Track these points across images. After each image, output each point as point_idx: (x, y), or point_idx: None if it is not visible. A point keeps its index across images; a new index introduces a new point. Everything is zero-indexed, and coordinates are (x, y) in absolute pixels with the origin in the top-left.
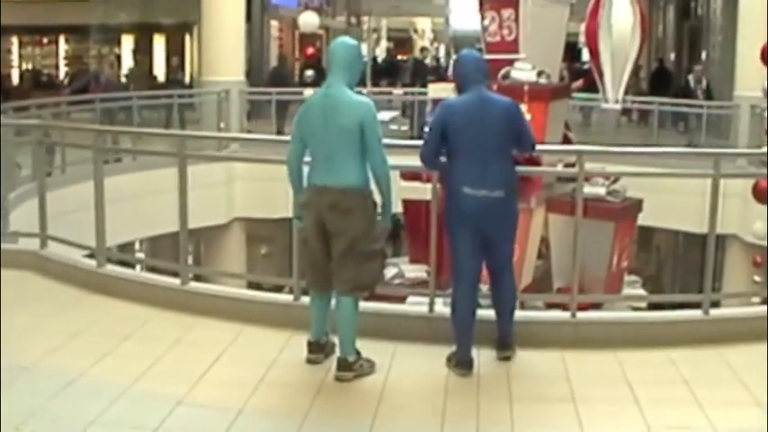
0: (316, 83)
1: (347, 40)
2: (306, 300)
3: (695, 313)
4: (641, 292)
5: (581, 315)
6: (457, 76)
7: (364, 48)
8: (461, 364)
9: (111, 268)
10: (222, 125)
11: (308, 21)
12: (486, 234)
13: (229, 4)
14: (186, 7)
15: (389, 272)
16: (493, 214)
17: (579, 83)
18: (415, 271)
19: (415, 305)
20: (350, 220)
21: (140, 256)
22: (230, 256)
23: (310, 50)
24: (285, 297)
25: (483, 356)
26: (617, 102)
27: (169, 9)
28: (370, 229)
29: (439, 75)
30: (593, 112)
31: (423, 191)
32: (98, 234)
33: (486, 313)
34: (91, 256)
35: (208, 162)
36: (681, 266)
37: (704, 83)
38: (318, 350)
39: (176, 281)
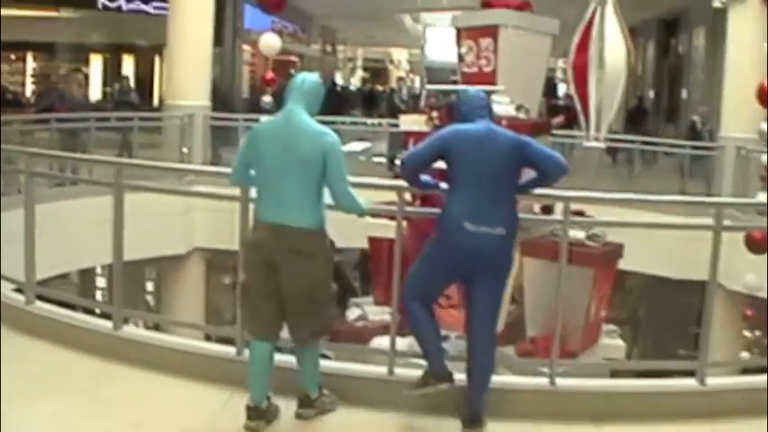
0: (272, 111)
1: (313, 76)
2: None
3: (689, 383)
4: (619, 342)
5: (561, 382)
6: (460, 111)
7: (339, 77)
8: (440, 377)
9: (40, 306)
10: (185, 150)
11: (269, 42)
12: (474, 278)
13: (196, 27)
14: (158, 29)
15: (352, 313)
16: (489, 255)
17: (560, 119)
18: (380, 313)
19: (380, 347)
20: (309, 266)
21: (71, 296)
22: (188, 287)
23: (269, 75)
24: (227, 349)
25: (446, 429)
26: (599, 139)
27: (140, 30)
28: (329, 274)
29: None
30: (574, 149)
31: (389, 228)
32: (27, 267)
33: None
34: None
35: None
36: (659, 313)
37: (708, 125)
38: (258, 416)
39: (108, 324)
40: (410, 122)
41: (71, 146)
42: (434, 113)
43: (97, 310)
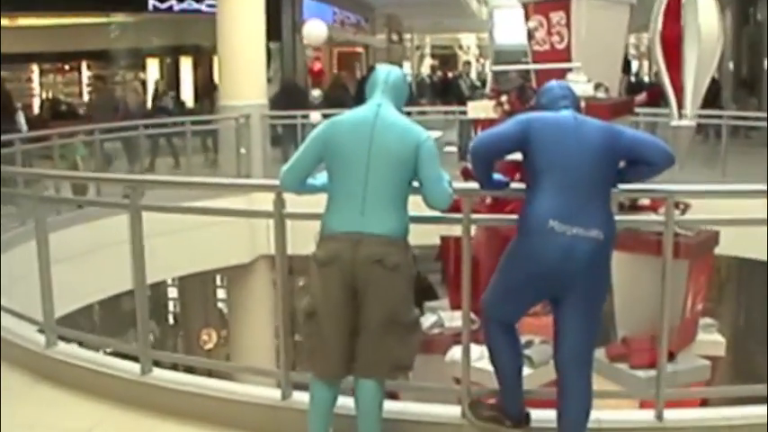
0: (321, 106)
1: (400, 70)
2: (299, 398)
3: None
4: (718, 338)
5: (670, 416)
6: (539, 104)
7: (407, 66)
8: (515, 419)
9: (62, 349)
10: (243, 150)
11: (312, 30)
12: (564, 294)
13: (247, 23)
14: (214, 28)
15: (427, 319)
16: (582, 264)
17: (643, 96)
18: (456, 319)
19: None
20: (395, 282)
21: (94, 337)
22: (256, 298)
23: (317, 66)
24: (270, 394)
25: None
26: (690, 118)
27: (196, 30)
28: (411, 291)
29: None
30: (657, 129)
31: None
32: (45, 305)
33: None
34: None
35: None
36: (757, 300)
37: None
38: None
39: (136, 368)
40: (478, 109)
41: (129, 156)
42: (503, 98)
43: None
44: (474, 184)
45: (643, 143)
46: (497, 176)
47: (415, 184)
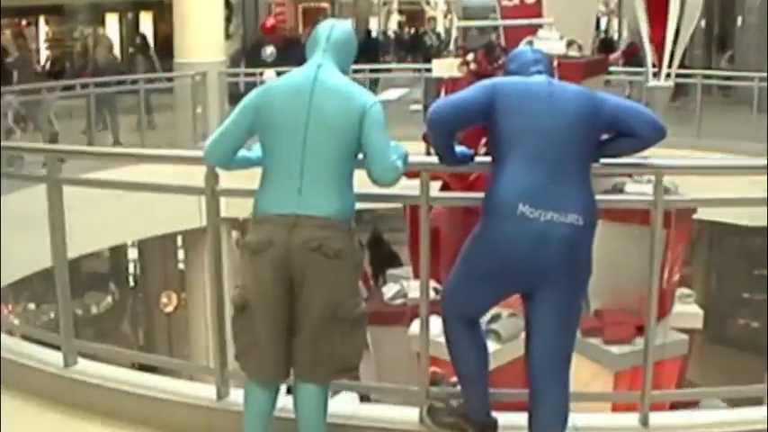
0: (276, 63)
1: (347, 24)
2: (234, 397)
3: None
4: (695, 309)
5: (656, 421)
6: (507, 70)
7: (375, 22)
8: (479, 426)
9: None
10: (199, 110)
11: None
12: (536, 287)
13: None
14: None
15: (390, 289)
16: (558, 254)
17: (617, 55)
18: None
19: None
20: (337, 271)
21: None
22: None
23: (270, 22)
24: (205, 393)
25: None
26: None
27: None
28: (356, 282)
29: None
30: (632, 89)
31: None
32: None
33: None
34: None
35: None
36: (733, 267)
37: None
38: None
39: (59, 359)
40: (444, 68)
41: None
42: (470, 56)
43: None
44: (433, 158)
45: (629, 112)
46: (460, 149)
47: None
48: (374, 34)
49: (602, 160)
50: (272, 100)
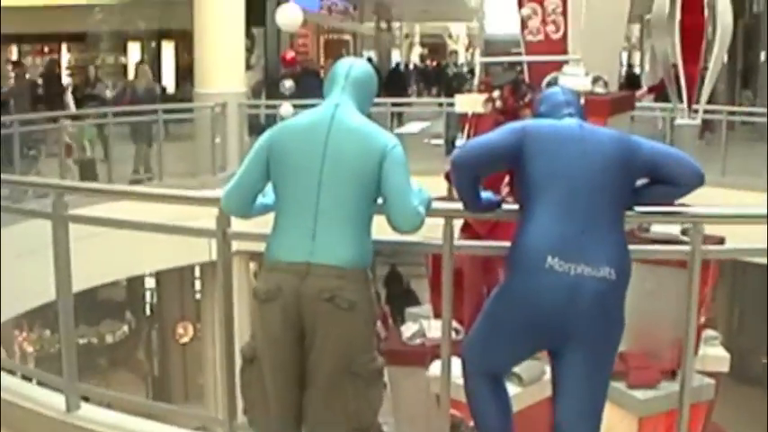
0: (295, 96)
1: (367, 63)
2: None
3: None
4: (721, 352)
5: None
6: (537, 112)
7: (396, 54)
8: None
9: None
10: (218, 140)
11: (285, 16)
12: (565, 345)
13: (225, 6)
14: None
15: (408, 328)
16: (589, 310)
17: (644, 91)
18: (440, 328)
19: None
20: (351, 323)
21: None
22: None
23: (289, 54)
24: None
25: None
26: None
27: (180, 13)
28: (372, 336)
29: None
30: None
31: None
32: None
33: None
34: None
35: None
36: (756, 305)
37: None
38: None
39: (61, 403)
40: (467, 104)
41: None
42: (496, 93)
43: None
44: (457, 204)
45: (668, 158)
46: (485, 195)
47: (380, 200)
48: (401, 67)
49: (637, 208)
50: (286, 140)
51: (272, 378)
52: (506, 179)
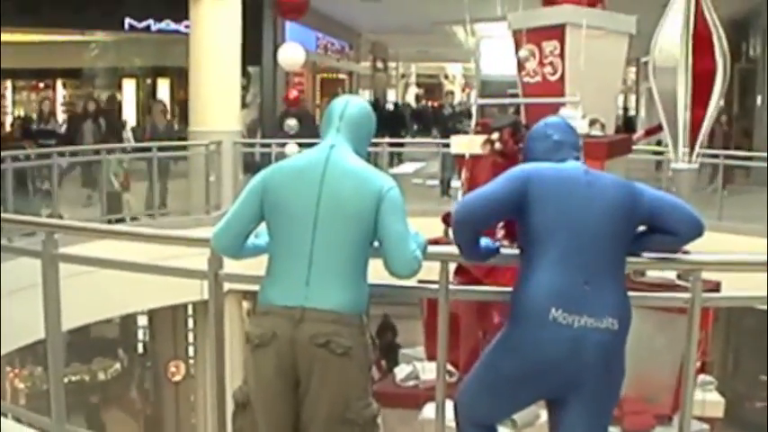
0: (299, 136)
1: (364, 101)
2: None
3: None
4: (716, 397)
5: None
6: (531, 150)
7: (392, 94)
8: None
9: None
10: (212, 179)
11: (288, 56)
12: (566, 397)
13: (221, 46)
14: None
15: (401, 371)
16: (593, 364)
17: (641, 134)
18: (434, 370)
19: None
20: (346, 370)
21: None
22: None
23: (292, 93)
24: None
25: None
26: (688, 159)
27: (174, 51)
28: (367, 382)
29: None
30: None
31: None
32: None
33: None
34: None
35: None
36: (749, 349)
37: None
38: None
39: None
40: (464, 145)
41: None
42: (495, 135)
43: None
44: (454, 248)
45: (668, 207)
46: (484, 242)
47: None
48: (399, 107)
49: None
50: (280, 182)
51: (264, 424)
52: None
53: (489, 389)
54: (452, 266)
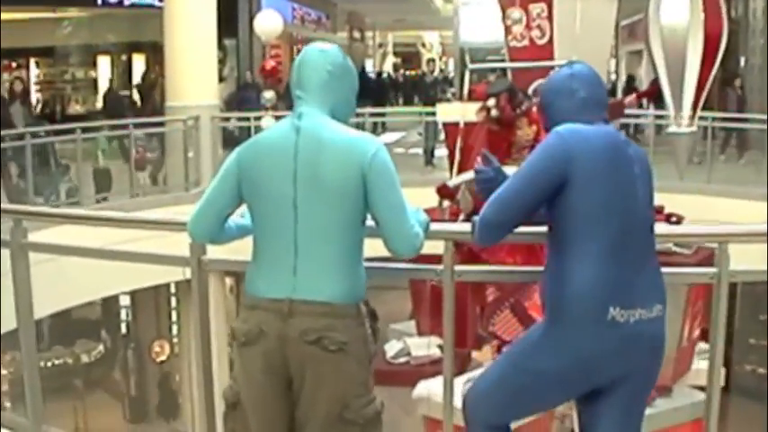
0: (275, 109)
1: (325, 47)
2: None
3: None
4: None
5: None
6: (550, 108)
7: (370, 64)
8: None
9: None
10: (191, 155)
11: (265, 24)
12: (604, 392)
13: (196, 18)
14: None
15: (392, 347)
16: (644, 356)
17: (632, 98)
18: (425, 347)
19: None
20: (342, 366)
21: None
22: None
23: (270, 64)
24: None
25: None
26: (689, 122)
27: (150, 26)
28: (367, 377)
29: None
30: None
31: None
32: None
33: None
34: None
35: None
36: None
37: None
38: None
39: None
40: (451, 113)
41: None
42: (491, 102)
43: None
44: (460, 225)
45: None
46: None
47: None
48: (383, 75)
49: (661, 228)
50: (255, 159)
51: (257, 425)
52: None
53: (520, 392)
54: None
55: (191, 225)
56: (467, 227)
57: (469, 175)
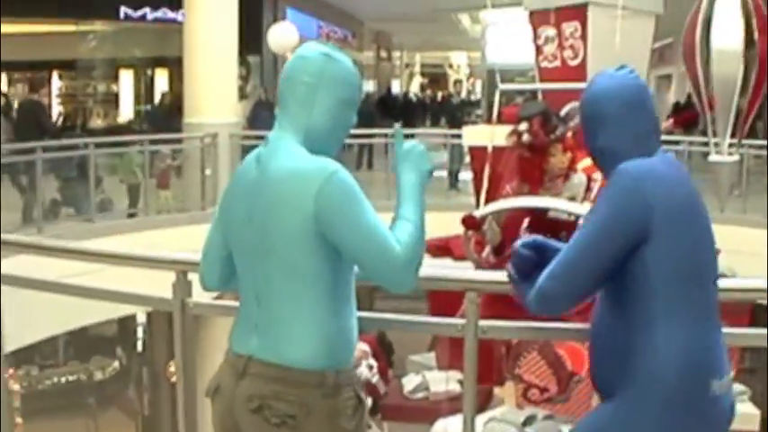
0: None
1: (306, 52)
2: None
3: None
4: (751, 409)
5: None
6: (594, 135)
7: (396, 84)
8: None
9: None
10: (208, 172)
11: (278, 37)
12: None
13: (217, 34)
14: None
15: (410, 381)
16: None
17: (669, 123)
18: (444, 381)
19: None
20: None
21: None
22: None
23: None
24: None
25: None
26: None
27: (172, 41)
28: None
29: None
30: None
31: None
32: None
33: None
34: None
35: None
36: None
37: None
38: None
39: None
40: (478, 136)
41: None
42: (523, 126)
43: None
44: (493, 274)
45: None
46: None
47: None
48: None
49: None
50: (227, 197)
51: None
52: (526, 222)
53: None
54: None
55: (200, 277)
56: (494, 276)
57: (498, 205)
